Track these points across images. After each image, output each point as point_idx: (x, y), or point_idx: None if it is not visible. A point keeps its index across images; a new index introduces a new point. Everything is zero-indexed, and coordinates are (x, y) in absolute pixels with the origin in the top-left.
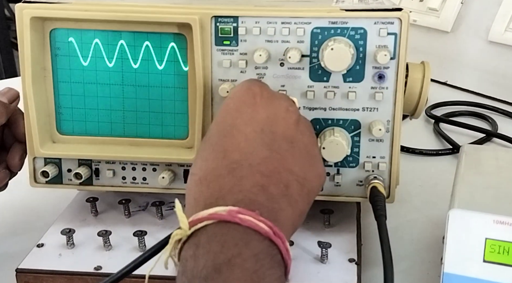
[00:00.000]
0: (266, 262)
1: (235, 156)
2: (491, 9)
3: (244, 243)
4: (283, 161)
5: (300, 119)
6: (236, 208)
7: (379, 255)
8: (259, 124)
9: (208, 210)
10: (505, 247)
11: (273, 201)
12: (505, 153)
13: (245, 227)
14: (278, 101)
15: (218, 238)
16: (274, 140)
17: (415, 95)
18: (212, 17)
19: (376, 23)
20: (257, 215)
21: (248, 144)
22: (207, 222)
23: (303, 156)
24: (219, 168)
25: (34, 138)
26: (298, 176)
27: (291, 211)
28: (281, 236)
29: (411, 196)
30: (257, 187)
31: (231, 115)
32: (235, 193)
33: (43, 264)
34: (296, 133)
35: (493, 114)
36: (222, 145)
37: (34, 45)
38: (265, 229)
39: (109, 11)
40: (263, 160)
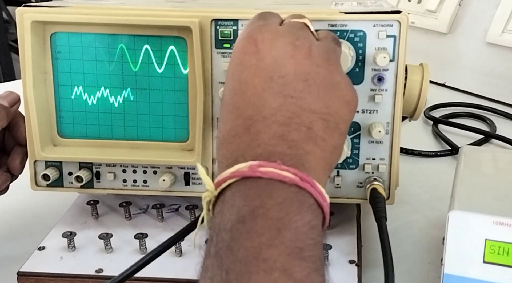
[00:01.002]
0: (293, 209)
1: (248, 112)
2: (489, 10)
3: (267, 194)
4: (300, 103)
5: (312, 48)
6: (256, 162)
7: (379, 256)
8: (266, 73)
9: (230, 169)
10: (504, 248)
11: (296, 147)
12: (503, 154)
13: (268, 179)
14: (282, 39)
15: (241, 193)
16: (286, 85)
17: (414, 97)
18: (212, 20)
19: (375, 25)
20: (279, 164)
21: (258, 97)
22: (230, 180)
23: (323, 89)
24: (235, 128)
25: (35, 142)
26: (321, 112)
27: (320, 151)
28: (309, 180)
29: (411, 197)
30: (276, 138)
31: (237, 70)
32: (253, 149)
33: (44, 267)
34: (310, 67)
35: (492, 116)
36: (234, 104)
37: (35, 48)
38: (289, 177)
39: (109, 15)
40: (277, 109)
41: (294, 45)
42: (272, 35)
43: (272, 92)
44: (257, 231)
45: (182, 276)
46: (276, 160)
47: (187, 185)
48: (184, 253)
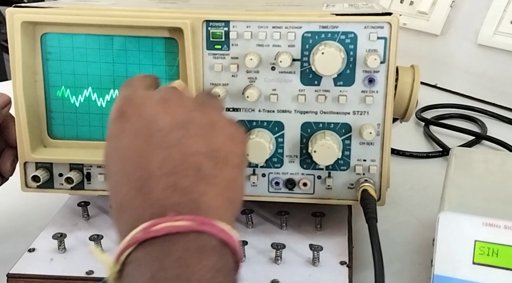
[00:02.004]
0: (194, 259)
1: (136, 174)
2: (480, 12)
3: (165, 253)
4: (183, 149)
5: (182, 99)
6: (148, 222)
7: (371, 257)
8: (144, 132)
9: (126, 238)
10: (494, 249)
11: (189, 193)
12: (494, 155)
13: (164, 235)
14: (150, 98)
15: (139, 262)
16: (165, 136)
17: (405, 98)
18: (204, 22)
19: (366, 27)
20: (172, 217)
21: (142, 156)
22: (128, 250)
23: (202, 130)
24: (128, 193)
25: (25, 143)
26: (205, 151)
27: (214, 189)
28: (208, 222)
29: (402, 198)
30: (168, 190)
31: (115, 141)
32: (148, 209)
33: (34, 269)
34: (184, 115)
35: (483, 117)
36: (122, 171)
37: (25, 49)
38: (185, 225)
39: (100, 16)
40: (162, 162)
41: (163, 100)
42: (139, 99)
43: (154, 147)
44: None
45: None
46: (169, 214)
47: None
48: None
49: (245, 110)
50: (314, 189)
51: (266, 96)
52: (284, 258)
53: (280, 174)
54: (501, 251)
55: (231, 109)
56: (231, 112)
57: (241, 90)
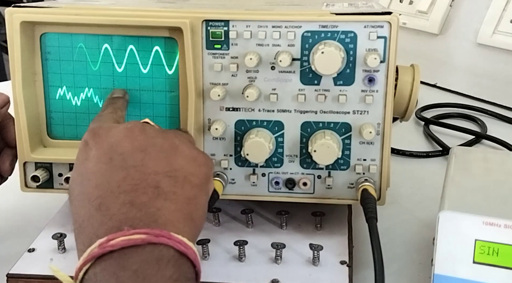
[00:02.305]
0: (150, 271)
1: (96, 193)
2: (480, 12)
3: (121, 267)
4: (143, 169)
5: (145, 127)
6: (104, 238)
7: (371, 257)
8: (106, 156)
9: (84, 255)
10: (494, 248)
11: (146, 208)
12: (494, 155)
13: (120, 249)
14: (115, 128)
15: (96, 278)
16: (126, 159)
17: (405, 97)
18: (203, 21)
19: (366, 26)
20: (127, 231)
21: (103, 177)
22: (86, 266)
23: (163, 153)
24: (87, 212)
25: (24, 143)
26: (165, 171)
27: (173, 205)
28: (164, 234)
29: (402, 198)
30: (126, 206)
31: (81, 165)
32: (105, 224)
33: (34, 269)
34: (146, 140)
35: (482, 116)
36: (83, 192)
37: (25, 49)
38: (141, 238)
39: (100, 15)
40: (122, 181)
41: (126, 129)
42: (105, 129)
43: (115, 169)
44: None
45: None
46: (124, 228)
47: None
48: None
49: (245, 110)
50: (314, 188)
51: (266, 96)
52: (284, 258)
53: (280, 173)
54: (502, 250)
55: (231, 109)
56: (231, 111)
57: (240, 90)
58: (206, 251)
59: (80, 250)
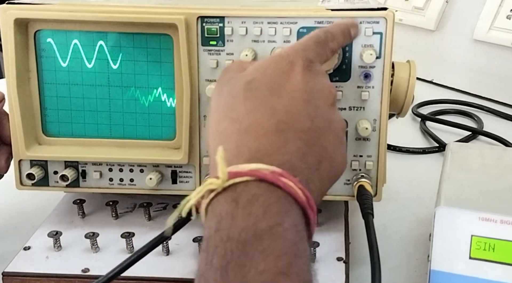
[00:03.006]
0: (303, 234)
1: (283, 117)
2: (476, 8)
3: (285, 210)
4: (321, 137)
5: (335, 104)
6: (279, 170)
7: (367, 253)
8: (306, 94)
9: (250, 165)
10: (490, 243)
11: (309, 171)
12: (490, 150)
13: (287, 193)
14: (320, 78)
15: (260, 201)
16: (317, 115)
17: (401, 94)
18: (198, 18)
19: (361, 22)
20: (298, 182)
21: (295, 109)
22: (249, 178)
23: (336, 139)
24: (267, 124)
25: (19, 140)
26: (330, 156)
27: (319, 187)
28: (314, 208)
29: (398, 194)
30: (300, 153)
31: (277, 75)
32: (280, 154)
33: (30, 267)
34: (334, 115)
35: (479, 112)
36: (271, 102)
37: (19, 46)
38: (302, 198)
39: (94, 12)
40: (306, 129)
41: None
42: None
43: (307, 113)
44: (274, 254)
45: (169, 275)
46: (296, 176)
47: (174, 183)
48: (171, 252)
49: None
50: None
51: None
52: None
53: None
54: (498, 246)
55: None
56: None
57: None
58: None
59: (239, 150)
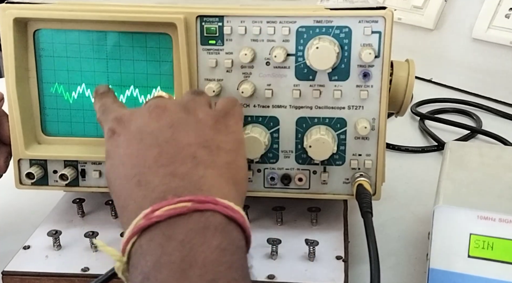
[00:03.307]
0: (197, 240)
1: (133, 172)
2: (474, 6)
3: (167, 237)
4: (176, 143)
5: (168, 104)
6: (149, 209)
7: (366, 252)
8: (135, 138)
9: (129, 228)
10: (489, 242)
11: (188, 177)
12: (489, 149)
13: (166, 219)
14: (137, 111)
15: (141, 250)
16: (156, 136)
17: (400, 92)
18: (197, 17)
19: (360, 21)
20: (172, 199)
21: (138, 157)
22: (132, 239)
23: (189, 126)
24: (128, 190)
25: (18, 140)
26: (197, 142)
27: (214, 171)
28: (210, 199)
29: (397, 193)
30: (167, 177)
31: (113, 153)
32: (149, 196)
33: (29, 266)
34: (170, 117)
35: (478, 111)
36: (120, 176)
37: (18, 46)
38: (186, 206)
39: (94, 11)
40: (158, 156)
41: (149, 111)
42: (127, 114)
43: (147, 147)
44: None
45: None
46: (168, 198)
47: None
48: None
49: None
50: (309, 184)
51: (260, 92)
52: (280, 253)
53: (275, 169)
54: (496, 244)
55: None
56: None
57: (235, 86)
58: None
59: (124, 228)
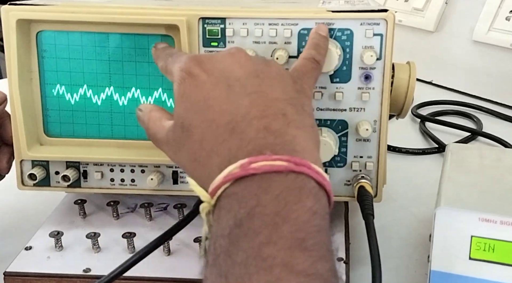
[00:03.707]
0: (292, 198)
1: (225, 118)
2: (475, 9)
3: (263, 190)
4: (265, 95)
5: (247, 54)
6: (246, 159)
7: (367, 254)
8: (221, 82)
9: (222, 174)
10: (490, 244)
11: (282, 135)
12: (489, 151)
13: (262, 173)
14: (217, 55)
15: (237, 196)
16: (244, 84)
17: (401, 95)
18: (200, 19)
19: (362, 24)
20: (269, 156)
21: (227, 103)
22: (224, 186)
23: (274, 80)
24: (220, 136)
25: (21, 141)
26: (284, 98)
27: (304, 133)
28: (304, 163)
29: (398, 195)
30: (262, 131)
31: (193, 93)
32: (244, 147)
33: (31, 267)
34: (255, 65)
35: (478, 113)
36: (207, 120)
37: (21, 47)
38: (283, 165)
39: (96, 13)
40: (250, 107)
41: (231, 54)
42: (207, 56)
43: (237, 94)
44: (254, 231)
45: (170, 275)
46: (266, 153)
47: (175, 184)
48: (173, 252)
49: None
50: None
51: None
52: None
53: None
54: (497, 246)
55: None
56: None
57: None
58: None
59: (210, 175)
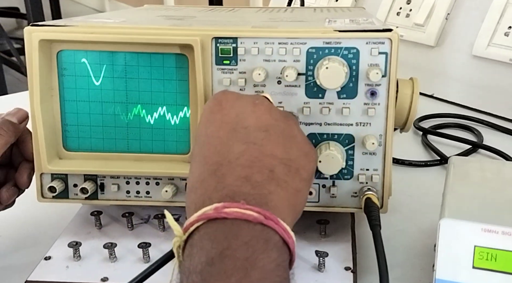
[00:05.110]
0: (259, 247)
1: (214, 159)
2: (475, 25)
3: (233, 234)
4: (262, 149)
5: (272, 108)
6: (221, 203)
7: (374, 263)
8: (230, 125)
9: (197, 213)
10: (492, 254)
11: (259, 188)
12: (490, 164)
13: (233, 219)
14: (244, 99)
15: (209, 235)
16: (248, 134)
17: (405, 109)
18: (213, 38)
19: (368, 43)
20: (243, 204)
21: (223, 145)
22: (198, 223)
23: (282, 139)
24: (202, 174)
25: (41, 155)
26: (282, 158)
27: (283, 192)
28: (273, 218)
29: (402, 206)
30: (240, 179)
31: (205, 127)
32: (219, 191)
33: (51, 276)
34: (270, 120)
35: (478, 126)
36: (202, 154)
37: (42, 66)
38: (253, 215)
39: (114, 33)
40: (241, 154)
41: (254, 103)
42: (234, 96)
43: (236, 140)
44: (226, 273)
45: None
46: (240, 200)
47: None
48: None
49: None
50: (319, 197)
51: None
52: None
53: None
54: (500, 256)
55: None
56: None
57: None
58: None
59: (190, 208)
